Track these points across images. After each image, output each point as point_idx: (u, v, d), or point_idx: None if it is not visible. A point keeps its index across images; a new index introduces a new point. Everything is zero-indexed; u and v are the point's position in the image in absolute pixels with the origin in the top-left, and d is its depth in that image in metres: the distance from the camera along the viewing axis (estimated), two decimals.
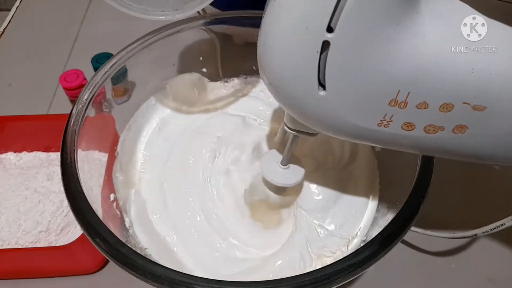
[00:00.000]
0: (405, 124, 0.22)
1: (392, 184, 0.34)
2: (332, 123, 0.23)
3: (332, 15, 0.19)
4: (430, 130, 0.22)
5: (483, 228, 0.31)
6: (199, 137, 0.38)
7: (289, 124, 0.28)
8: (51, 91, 0.52)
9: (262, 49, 0.22)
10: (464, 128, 0.22)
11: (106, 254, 0.24)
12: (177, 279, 0.23)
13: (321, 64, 0.20)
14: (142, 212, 0.34)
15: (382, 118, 0.22)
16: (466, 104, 0.21)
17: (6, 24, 0.62)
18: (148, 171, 0.37)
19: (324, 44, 0.20)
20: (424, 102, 0.21)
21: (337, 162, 0.37)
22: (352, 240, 0.33)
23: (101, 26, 0.60)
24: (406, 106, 0.21)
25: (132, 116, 0.39)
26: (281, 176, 0.32)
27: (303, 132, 0.28)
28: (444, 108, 0.21)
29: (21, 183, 0.39)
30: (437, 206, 0.38)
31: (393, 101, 0.21)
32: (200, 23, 0.39)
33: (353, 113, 0.22)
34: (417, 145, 0.24)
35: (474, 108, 0.21)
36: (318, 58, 0.20)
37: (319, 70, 0.21)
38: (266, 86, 0.24)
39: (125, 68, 0.36)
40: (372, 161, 0.37)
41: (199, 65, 0.43)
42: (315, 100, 0.22)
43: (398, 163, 0.33)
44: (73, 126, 0.30)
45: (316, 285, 0.23)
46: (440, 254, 0.38)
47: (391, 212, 0.30)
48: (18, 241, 0.36)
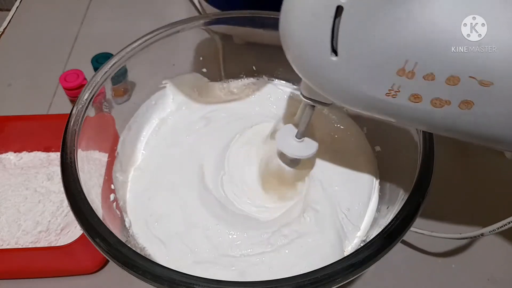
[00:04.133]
0: (412, 96, 0.22)
1: (392, 184, 0.34)
2: (342, 90, 0.24)
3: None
4: (437, 103, 0.22)
5: (489, 227, 0.30)
6: (199, 137, 0.38)
7: (304, 92, 0.29)
8: (51, 91, 0.52)
9: (284, 14, 0.24)
10: (470, 104, 0.22)
11: (106, 254, 0.24)
12: (177, 279, 0.23)
13: (335, 29, 0.21)
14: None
15: (390, 88, 0.22)
16: (472, 78, 0.21)
17: (6, 24, 0.62)
18: (148, 171, 0.37)
19: (338, 9, 0.21)
20: (431, 74, 0.21)
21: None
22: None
23: (101, 26, 0.60)
24: (413, 77, 0.21)
25: (132, 116, 0.39)
26: (296, 148, 0.33)
27: (317, 101, 0.29)
28: (450, 81, 0.21)
29: (21, 183, 0.39)
30: (440, 205, 0.39)
31: (401, 70, 0.21)
32: (200, 23, 0.39)
33: (362, 81, 0.23)
34: (425, 120, 0.24)
35: (481, 83, 0.21)
36: (332, 23, 0.21)
37: (332, 36, 0.22)
38: (285, 51, 0.25)
39: (125, 68, 0.36)
40: (372, 161, 0.37)
41: (199, 65, 0.43)
42: (328, 66, 0.23)
43: (398, 163, 0.33)
44: (73, 126, 0.30)
45: (316, 285, 0.23)
46: (440, 254, 0.38)
47: (391, 212, 0.30)
48: (18, 241, 0.36)
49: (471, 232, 0.32)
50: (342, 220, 0.33)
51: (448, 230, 0.34)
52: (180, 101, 0.42)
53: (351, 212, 0.34)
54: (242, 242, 0.32)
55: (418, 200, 0.26)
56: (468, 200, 0.41)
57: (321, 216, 0.33)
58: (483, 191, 0.42)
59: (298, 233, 0.32)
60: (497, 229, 0.30)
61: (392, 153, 0.36)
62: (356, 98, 0.24)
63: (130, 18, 0.60)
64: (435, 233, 0.34)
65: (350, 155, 0.37)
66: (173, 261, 0.31)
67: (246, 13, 0.39)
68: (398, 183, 0.31)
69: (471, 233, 0.32)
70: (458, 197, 0.42)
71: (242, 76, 0.44)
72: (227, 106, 0.42)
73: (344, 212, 0.34)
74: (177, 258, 0.31)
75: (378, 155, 0.37)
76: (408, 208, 0.26)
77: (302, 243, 0.31)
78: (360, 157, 0.37)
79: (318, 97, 0.29)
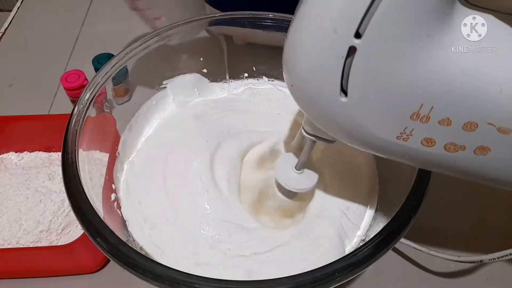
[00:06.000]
0: (425, 140, 0.21)
1: (391, 184, 0.34)
2: (351, 132, 0.22)
3: (361, 20, 0.18)
4: (451, 148, 0.21)
5: (490, 255, 0.30)
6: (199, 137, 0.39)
7: (308, 129, 0.28)
8: (52, 91, 0.52)
9: (289, 48, 0.22)
10: (486, 150, 0.21)
11: (107, 254, 0.24)
12: (178, 278, 0.23)
13: (345, 69, 0.20)
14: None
15: (402, 131, 0.21)
16: (491, 125, 0.20)
17: (7, 24, 0.62)
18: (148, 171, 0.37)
19: (350, 50, 0.19)
20: (447, 119, 0.20)
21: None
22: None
23: (102, 27, 0.60)
24: (428, 121, 0.20)
25: (133, 116, 0.39)
26: (295, 180, 0.32)
27: (321, 138, 0.27)
28: (467, 127, 0.20)
29: (22, 183, 0.39)
30: (442, 222, 0.39)
31: (415, 114, 0.20)
32: (201, 23, 0.39)
33: (373, 123, 0.21)
34: (435, 163, 0.23)
35: (500, 130, 0.20)
36: (343, 64, 0.20)
37: (342, 76, 0.20)
38: (288, 87, 0.23)
39: (126, 68, 0.36)
40: (372, 161, 0.37)
41: (199, 65, 0.43)
42: (336, 106, 0.21)
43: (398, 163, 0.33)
44: (74, 126, 0.30)
45: (315, 284, 0.23)
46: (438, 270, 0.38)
47: (390, 212, 0.30)
48: (19, 241, 0.36)
49: (470, 257, 0.31)
50: (341, 218, 0.33)
51: (448, 248, 0.33)
52: (181, 101, 0.42)
53: (351, 211, 0.34)
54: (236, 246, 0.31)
55: (417, 200, 0.27)
56: (478, 218, 0.41)
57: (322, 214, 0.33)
58: (488, 210, 0.41)
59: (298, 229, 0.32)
60: (497, 258, 0.29)
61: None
62: (364, 140, 0.23)
63: (131, 19, 0.60)
64: (433, 252, 0.34)
65: (350, 155, 0.37)
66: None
67: (247, 14, 0.39)
68: (398, 183, 0.31)
69: (470, 258, 0.31)
70: (460, 211, 0.41)
71: (242, 77, 0.44)
72: (227, 107, 0.42)
73: (344, 211, 0.34)
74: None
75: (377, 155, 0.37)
76: (408, 207, 0.26)
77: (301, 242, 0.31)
78: (360, 156, 0.37)
79: (322, 134, 0.27)
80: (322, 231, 0.32)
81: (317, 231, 0.32)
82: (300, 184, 0.32)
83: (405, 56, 0.19)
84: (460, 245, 0.37)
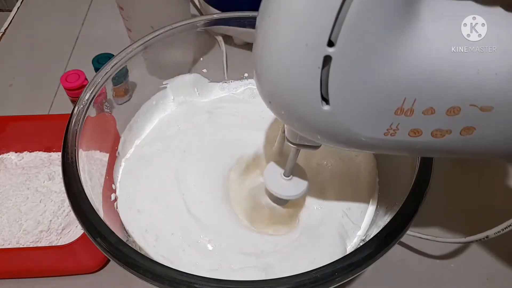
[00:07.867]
0: (412, 131, 0.22)
1: (391, 184, 0.34)
2: (337, 136, 0.23)
3: (332, 29, 0.18)
4: (438, 134, 0.22)
5: (494, 229, 0.30)
6: (199, 137, 0.39)
7: (292, 140, 0.27)
8: (52, 91, 0.52)
9: (261, 67, 0.21)
10: (472, 130, 0.21)
11: (107, 254, 0.24)
12: (178, 278, 0.23)
13: (323, 79, 0.20)
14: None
15: (389, 127, 0.21)
16: (473, 106, 0.20)
17: (7, 24, 0.62)
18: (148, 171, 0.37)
19: (325, 59, 0.19)
20: (431, 108, 0.20)
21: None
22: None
23: (102, 27, 0.60)
24: (412, 114, 0.21)
25: (132, 116, 0.39)
26: (284, 188, 0.32)
27: (305, 145, 0.27)
28: (451, 112, 0.20)
29: (22, 183, 0.39)
30: (442, 210, 0.39)
31: (399, 109, 0.20)
32: (200, 23, 0.39)
33: (359, 125, 0.22)
34: (424, 149, 0.23)
35: (482, 109, 0.20)
36: (320, 74, 0.20)
37: (321, 85, 0.20)
38: (266, 104, 0.23)
39: (126, 68, 0.36)
40: (372, 161, 0.37)
41: (199, 65, 0.43)
42: (319, 116, 0.21)
43: (398, 163, 0.33)
44: (74, 126, 0.30)
45: (315, 284, 0.23)
46: (439, 254, 0.38)
47: (390, 211, 0.30)
48: (19, 241, 0.36)
49: (475, 236, 0.32)
50: (342, 218, 0.33)
51: (450, 235, 0.34)
52: (181, 101, 0.42)
53: (352, 211, 0.34)
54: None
55: (417, 199, 0.27)
56: (469, 203, 0.41)
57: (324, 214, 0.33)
58: (484, 195, 0.42)
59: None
60: (502, 230, 0.29)
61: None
62: (352, 141, 0.23)
63: None
64: (440, 238, 0.34)
65: (350, 155, 0.37)
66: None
67: (246, 14, 0.39)
68: (398, 182, 0.31)
69: (475, 236, 0.31)
70: (458, 199, 0.42)
71: (242, 77, 0.44)
72: (227, 107, 0.42)
73: (345, 211, 0.34)
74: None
75: (377, 155, 0.38)
76: (408, 207, 0.26)
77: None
78: (359, 156, 0.37)
79: (307, 142, 0.27)
80: (324, 232, 0.32)
81: (319, 231, 0.32)
82: (290, 191, 0.32)
83: (382, 55, 0.19)
84: (464, 229, 0.37)
